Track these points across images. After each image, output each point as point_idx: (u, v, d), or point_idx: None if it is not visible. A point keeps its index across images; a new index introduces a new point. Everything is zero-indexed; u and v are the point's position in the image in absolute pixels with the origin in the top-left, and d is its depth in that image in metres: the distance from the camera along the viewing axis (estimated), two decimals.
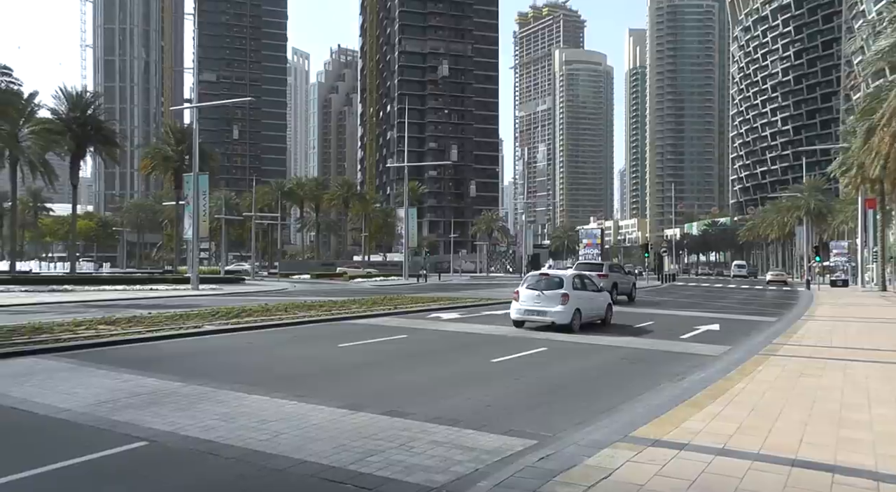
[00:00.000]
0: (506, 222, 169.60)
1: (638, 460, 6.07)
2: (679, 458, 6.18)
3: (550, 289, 18.75)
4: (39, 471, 6.08)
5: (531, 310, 18.74)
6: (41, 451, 6.81)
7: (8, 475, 5.92)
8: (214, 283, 48.94)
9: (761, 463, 6.08)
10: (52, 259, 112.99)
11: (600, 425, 7.50)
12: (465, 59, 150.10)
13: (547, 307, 18.41)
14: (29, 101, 52.43)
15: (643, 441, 6.70)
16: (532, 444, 6.87)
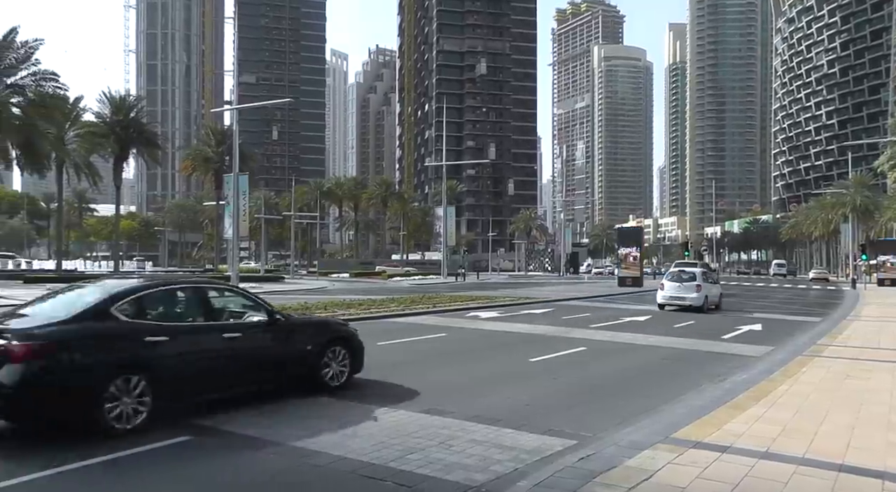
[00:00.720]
0: (544, 221, 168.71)
1: (679, 463, 5.98)
2: (721, 461, 6.08)
3: (687, 281, 25.59)
4: (87, 463, 6.25)
5: (674, 296, 25.41)
6: (91, 443, 6.89)
7: (60, 467, 6.07)
8: (254, 281, 49.50)
9: (806, 468, 5.95)
10: (96, 258, 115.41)
11: (640, 426, 7.42)
12: (503, 57, 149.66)
13: (685, 294, 25.18)
14: (74, 106, 53.59)
15: (684, 443, 6.60)
16: (572, 444, 6.83)
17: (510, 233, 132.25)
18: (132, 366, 7.29)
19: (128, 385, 7.14)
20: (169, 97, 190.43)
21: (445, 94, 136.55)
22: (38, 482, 5.77)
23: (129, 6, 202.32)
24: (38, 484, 5.75)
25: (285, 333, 9.33)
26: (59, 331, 7.11)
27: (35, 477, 5.82)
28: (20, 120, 32.16)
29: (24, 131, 32.56)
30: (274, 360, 9.09)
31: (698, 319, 22.58)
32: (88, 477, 5.98)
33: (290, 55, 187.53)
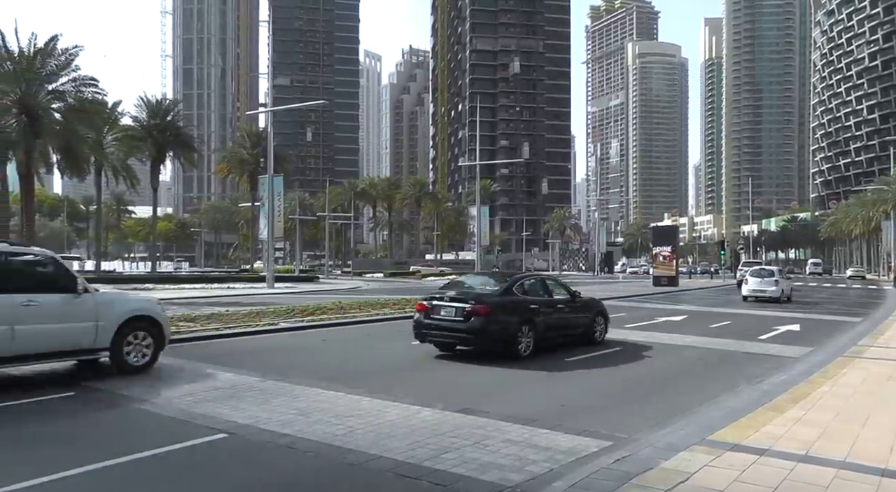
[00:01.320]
0: (578, 220, 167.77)
1: (716, 465, 5.91)
2: (759, 464, 5.99)
3: (767, 277, 32.00)
4: (126, 459, 6.37)
5: (756, 289, 31.41)
6: (128, 440, 7.14)
7: (97, 463, 6.22)
8: (289, 281, 50.02)
9: (848, 472, 5.83)
10: (134, 259, 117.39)
11: (677, 427, 7.35)
12: (537, 55, 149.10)
13: (766, 287, 31.24)
14: (113, 110, 54.67)
15: (721, 445, 6.52)
16: (607, 445, 6.79)
17: (544, 232, 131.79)
18: (526, 321, 13.11)
19: (525, 331, 13.01)
20: (204, 100, 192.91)
21: (479, 94, 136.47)
22: None
23: (165, 12, 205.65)
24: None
25: (580, 305, 15.09)
26: (495, 300, 13.14)
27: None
28: (61, 125, 32.84)
29: (65, 136, 33.23)
30: (576, 322, 14.83)
31: (735, 319, 22.28)
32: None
33: (323, 57, 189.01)
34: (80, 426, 7.91)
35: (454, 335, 12.87)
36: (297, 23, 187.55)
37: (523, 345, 12.81)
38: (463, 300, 12.88)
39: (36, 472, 5.91)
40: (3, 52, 31.81)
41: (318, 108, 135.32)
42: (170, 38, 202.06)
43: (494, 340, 12.61)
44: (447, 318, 12.89)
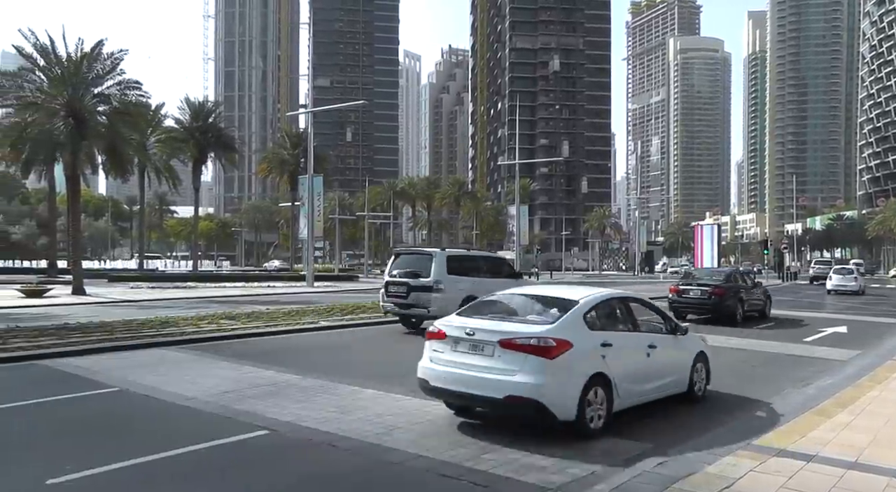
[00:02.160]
0: (618, 219, 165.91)
1: (762, 471, 5.81)
2: (807, 470, 5.87)
3: (848, 274, 38.97)
4: (170, 454, 6.54)
5: (840, 284, 37.85)
6: (171, 435, 7.31)
7: (141, 457, 6.38)
8: (329, 280, 50.41)
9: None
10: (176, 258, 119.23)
11: (720, 431, 7.25)
12: (577, 52, 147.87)
13: (848, 283, 37.79)
14: (156, 113, 55.89)
15: (767, 450, 6.41)
16: (649, 447, 6.73)
17: (584, 231, 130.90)
18: (739, 300, 20.83)
19: (740, 306, 20.75)
20: (245, 102, 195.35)
21: (518, 93, 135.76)
22: None
23: (208, 16, 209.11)
24: None
25: (760, 291, 23.54)
26: (725, 285, 20.73)
27: None
28: (105, 127, 33.43)
29: (109, 138, 33.83)
30: (757, 301, 23.03)
31: (779, 321, 21.92)
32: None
33: (363, 58, 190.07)
34: (124, 421, 8.09)
35: (701, 308, 20.59)
36: (337, 24, 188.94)
37: (739, 315, 20.39)
38: (706, 285, 20.71)
39: (92, 463, 6.12)
40: (52, 57, 32.51)
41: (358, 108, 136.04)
42: (212, 42, 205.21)
43: (724, 312, 20.12)
44: (695, 297, 20.79)
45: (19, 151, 37.71)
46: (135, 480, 5.95)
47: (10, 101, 35.35)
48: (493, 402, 7.01)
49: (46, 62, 32.58)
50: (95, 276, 44.98)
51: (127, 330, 15.61)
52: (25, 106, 33.43)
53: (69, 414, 8.53)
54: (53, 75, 32.57)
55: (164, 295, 31.04)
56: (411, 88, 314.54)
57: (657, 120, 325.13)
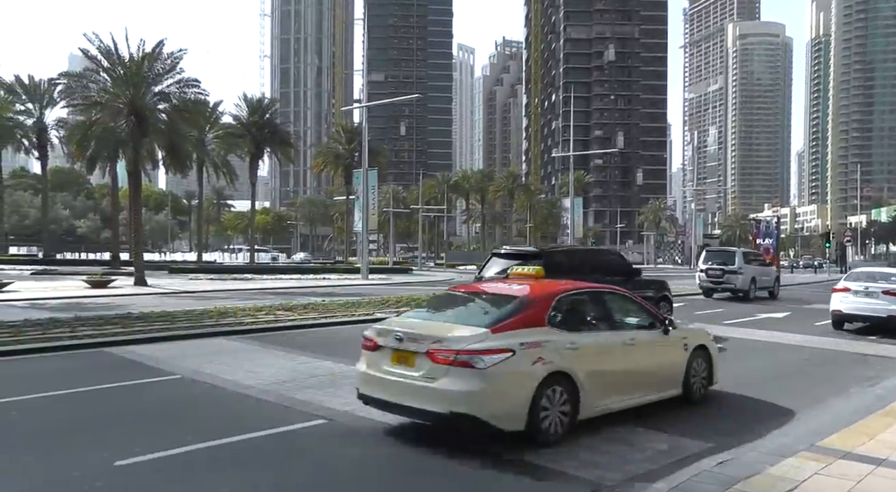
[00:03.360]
0: (674, 211, 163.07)
1: (827, 474, 5.63)
2: (875, 475, 5.65)
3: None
4: (231, 440, 6.72)
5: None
6: (232, 422, 7.47)
7: (204, 442, 6.59)
8: (383, 273, 50.75)
9: None
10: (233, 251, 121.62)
11: (782, 432, 7.07)
12: (633, 41, 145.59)
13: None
14: (214, 110, 57.12)
15: (832, 452, 6.20)
16: (709, 447, 6.61)
17: (638, 224, 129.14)
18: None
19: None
20: (301, 98, 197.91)
21: (573, 83, 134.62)
22: None
23: (264, 14, 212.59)
24: None
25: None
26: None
27: None
28: (165, 125, 34.33)
29: (169, 135, 34.74)
30: None
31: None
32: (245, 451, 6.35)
33: (417, 52, 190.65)
34: (186, 408, 8.33)
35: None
36: (392, 19, 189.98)
37: None
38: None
39: (157, 447, 6.39)
40: (115, 58, 33.45)
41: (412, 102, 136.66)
42: (268, 39, 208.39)
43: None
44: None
45: (84, 148, 39.11)
46: (198, 464, 6.13)
47: (76, 102, 36.70)
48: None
49: (110, 63, 33.55)
50: (156, 268, 46.16)
51: (187, 320, 16.01)
52: (90, 106, 34.61)
53: (134, 400, 8.83)
54: (116, 76, 33.50)
55: (221, 286, 31.72)
56: (465, 81, 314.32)
57: (714, 109, 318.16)
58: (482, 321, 6.78)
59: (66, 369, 10.86)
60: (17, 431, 7.30)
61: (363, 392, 7.13)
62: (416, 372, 6.52)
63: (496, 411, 6.28)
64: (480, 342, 6.34)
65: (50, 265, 49.91)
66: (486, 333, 6.47)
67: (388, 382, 6.74)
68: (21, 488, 5.59)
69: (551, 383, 6.53)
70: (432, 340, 6.51)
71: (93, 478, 5.68)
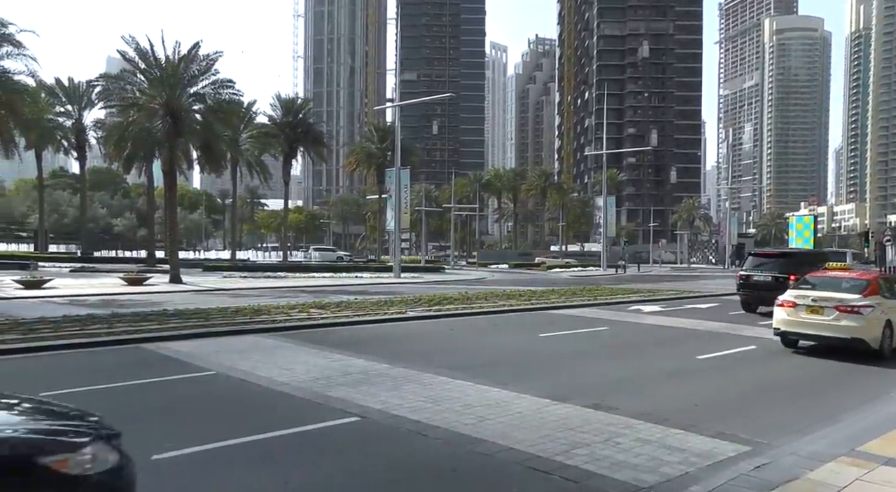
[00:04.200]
0: (708, 210, 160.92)
1: (869, 480, 5.48)
2: None
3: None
4: (266, 436, 6.79)
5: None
6: (267, 418, 7.55)
7: (239, 438, 6.66)
8: (415, 271, 50.82)
9: None
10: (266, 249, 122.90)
11: (821, 435, 6.93)
12: (667, 37, 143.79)
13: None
14: (248, 110, 57.73)
15: (873, 458, 6.06)
16: (745, 450, 6.49)
17: (672, 223, 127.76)
18: None
19: None
20: (334, 98, 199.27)
21: (606, 81, 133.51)
22: None
23: (298, 15, 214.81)
24: None
25: None
26: None
27: None
28: (200, 125, 34.77)
29: (204, 135, 35.17)
30: None
31: None
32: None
33: (450, 51, 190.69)
34: (221, 404, 8.43)
35: None
36: (424, 18, 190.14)
37: None
38: None
39: (192, 442, 6.46)
40: (152, 60, 33.97)
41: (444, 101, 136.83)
42: (301, 40, 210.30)
43: None
44: None
45: (121, 148, 39.76)
46: (233, 459, 6.19)
47: (114, 103, 37.38)
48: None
49: (147, 65, 34.08)
50: (191, 265, 46.81)
51: (222, 317, 16.20)
52: (127, 107, 35.27)
53: (170, 395, 8.94)
54: (153, 77, 34.01)
55: (255, 284, 32.00)
56: (497, 80, 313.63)
57: (750, 106, 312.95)
58: (855, 291, 12.90)
59: (103, 364, 11.05)
60: None
61: (783, 330, 13.20)
62: (826, 318, 12.49)
63: (871, 338, 12.22)
64: (860, 301, 12.44)
65: (88, 263, 50.72)
66: (860, 297, 12.60)
67: (806, 323, 12.77)
68: None
69: (886, 325, 12.48)
70: (836, 301, 12.52)
71: None
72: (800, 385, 10.48)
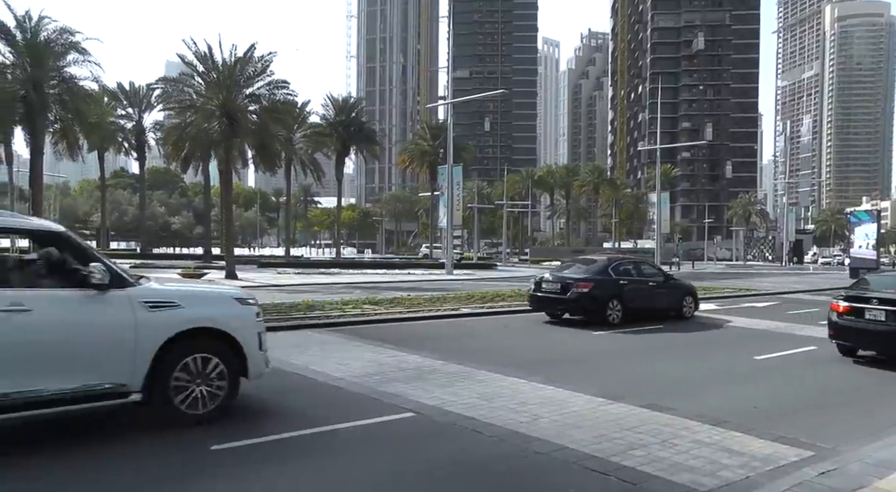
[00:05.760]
0: (764, 205, 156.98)
1: None
2: None
3: None
4: (323, 429, 6.92)
5: None
6: (322, 412, 7.70)
7: (295, 431, 6.78)
8: (467, 268, 50.91)
9: None
10: (319, 246, 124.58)
11: (890, 442, 6.67)
12: (723, 28, 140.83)
13: None
14: (302, 110, 58.75)
15: None
16: (808, 455, 6.30)
17: (727, 219, 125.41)
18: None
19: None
20: (386, 96, 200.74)
21: (660, 74, 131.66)
22: None
23: (351, 16, 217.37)
24: None
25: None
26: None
27: None
28: (256, 125, 35.45)
29: (259, 135, 35.88)
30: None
31: None
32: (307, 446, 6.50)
33: (502, 47, 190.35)
34: (278, 397, 8.54)
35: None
36: (476, 15, 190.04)
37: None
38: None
39: (250, 433, 6.64)
40: (210, 63, 34.87)
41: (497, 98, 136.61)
42: (354, 40, 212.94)
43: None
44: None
45: (179, 149, 40.80)
46: (292, 452, 6.29)
47: (173, 105, 38.45)
48: None
49: (205, 68, 34.99)
50: (246, 262, 47.70)
51: (276, 312, 16.44)
52: (185, 108, 36.32)
53: None
54: (210, 80, 34.86)
55: (309, 280, 32.42)
56: (550, 75, 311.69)
57: (809, 97, 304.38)
58: None
59: None
60: None
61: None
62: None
63: None
64: None
65: (147, 259, 52.09)
66: None
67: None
68: None
69: None
70: None
71: (191, 461, 5.98)
72: (865, 388, 10.17)
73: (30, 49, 29.31)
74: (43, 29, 30.09)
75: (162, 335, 6.48)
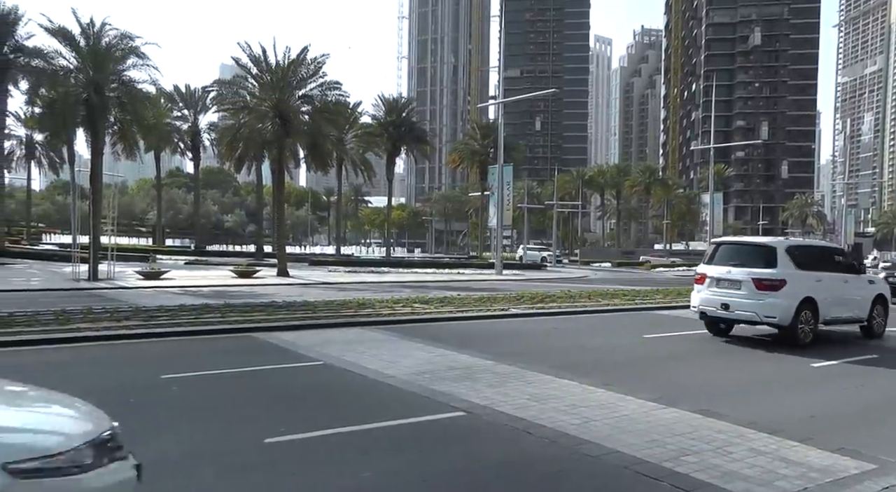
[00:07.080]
0: (822, 207, 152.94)
1: None
2: None
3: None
4: (374, 426, 6.97)
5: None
6: (374, 409, 7.76)
7: (348, 426, 6.89)
8: (516, 269, 50.78)
9: None
10: (369, 245, 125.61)
11: None
12: (781, 23, 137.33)
13: None
14: (353, 110, 59.47)
15: None
16: (871, 468, 6.03)
17: (782, 221, 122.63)
18: None
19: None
20: (437, 96, 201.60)
21: (714, 71, 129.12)
22: None
23: (402, 17, 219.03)
24: None
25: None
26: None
27: None
28: (308, 126, 36.08)
29: (311, 135, 36.51)
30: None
31: None
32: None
33: (553, 46, 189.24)
34: (330, 393, 8.70)
35: None
36: (527, 14, 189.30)
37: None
38: None
39: (302, 428, 6.75)
40: (264, 65, 35.65)
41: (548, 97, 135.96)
42: (406, 41, 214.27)
43: None
44: None
45: (233, 149, 41.71)
46: (343, 447, 6.37)
47: (227, 107, 39.35)
48: None
49: (258, 70, 35.80)
50: (297, 260, 48.42)
51: (328, 309, 16.71)
52: (239, 110, 37.17)
53: (281, 382, 9.34)
54: (263, 81, 35.60)
55: (359, 279, 32.81)
56: (601, 74, 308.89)
57: (871, 94, 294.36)
58: None
59: (216, 350, 11.69)
60: (178, 404, 7.98)
61: None
62: None
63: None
64: None
65: (201, 256, 53.17)
66: None
67: None
68: (185, 453, 6.11)
69: None
70: None
71: (245, 452, 6.12)
72: None
73: (92, 54, 30.21)
74: (105, 35, 30.98)
75: None
